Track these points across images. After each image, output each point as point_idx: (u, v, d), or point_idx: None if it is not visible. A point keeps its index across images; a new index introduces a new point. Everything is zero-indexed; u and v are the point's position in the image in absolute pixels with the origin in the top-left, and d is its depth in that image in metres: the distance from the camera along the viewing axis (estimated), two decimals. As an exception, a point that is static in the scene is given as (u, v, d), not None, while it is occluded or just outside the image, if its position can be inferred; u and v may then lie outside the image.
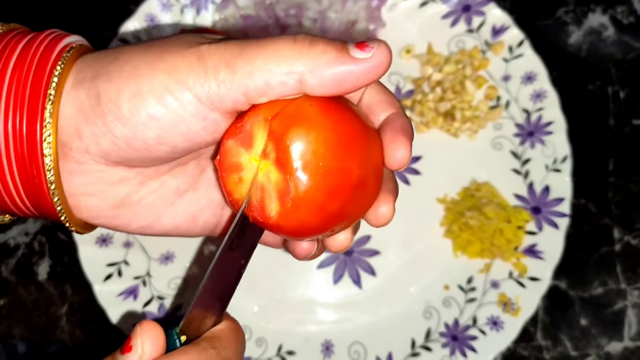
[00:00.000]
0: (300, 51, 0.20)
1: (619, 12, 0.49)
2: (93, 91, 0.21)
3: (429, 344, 0.44)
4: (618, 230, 0.46)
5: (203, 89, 0.20)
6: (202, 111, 0.21)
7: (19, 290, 0.46)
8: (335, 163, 0.21)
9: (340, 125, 0.21)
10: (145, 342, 0.20)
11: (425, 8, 0.46)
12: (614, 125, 0.47)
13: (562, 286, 0.46)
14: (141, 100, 0.21)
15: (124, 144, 0.21)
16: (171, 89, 0.21)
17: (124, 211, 0.24)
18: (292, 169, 0.21)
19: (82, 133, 0.21)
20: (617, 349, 0.45)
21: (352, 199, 0.22)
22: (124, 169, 0.23)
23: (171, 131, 0.21)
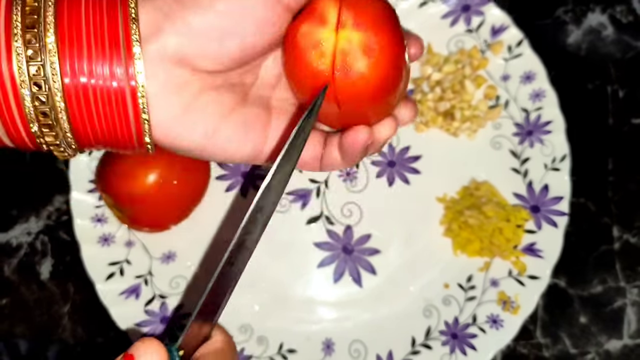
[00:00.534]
0: None
1: (618, 12, 0.49)
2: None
3: (429, 342, 0.44)
4: (617, 228, 0.46)
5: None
6: (270, 4, 0.24)
7: (21, 290, 0.47)
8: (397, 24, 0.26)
9: None
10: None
11: (425, 8, 0.47)
12: (613, 124, 0.48)
13: (561, 284, 0.46)
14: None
15: (200, 34, 0.24)
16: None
17: (188, 117, 0.25)
18: (372, 25, 0.24)
19: (163, 31, 0.24)
20: (616, 347, 0.45)
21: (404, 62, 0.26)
22: (189, 72, 0.25)
23: (242, 19, 0.24)
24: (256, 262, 0.44)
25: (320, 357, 0.44)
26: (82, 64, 0.22)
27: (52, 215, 0.47)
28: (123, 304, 0.44)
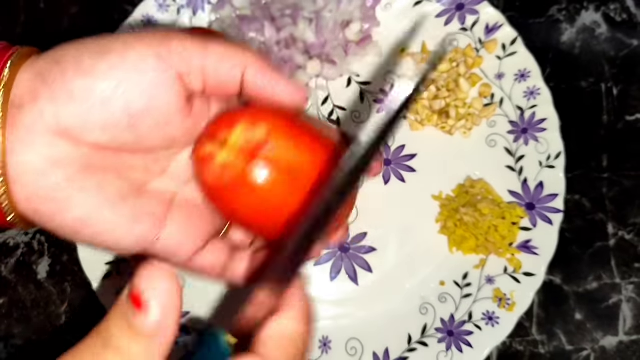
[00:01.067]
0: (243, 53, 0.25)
1: (612, 10, 0.49)
2: (53, 57, 0.22)
3: (425, 339, 0.44)
4: (612, 225, 0.46)
5: (161, 47, 0.22)
6: (161, 67, 0.22)
7: (19, 290, 0.47)
8: None
9: None
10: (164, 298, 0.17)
11: (419, 7, 0.47)
12: (607, 121, 0.48)
13: (556, 281, 0.46)
14: (104, 54, 0.22)
15: (80, 99, 0.22)
16: (134, 45, 0.22)
17: (63, 195, 0.23)
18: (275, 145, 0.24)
19: (39, 94, 0.22)
20: (612, 344, 0.45)
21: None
22: (72, 145, 0.22)
23: (128, 83, 0.22)
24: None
25: (317, 355, 0.44)
26: None
27: (49, 215, 0.48)
28: (120, 303, 0.44)
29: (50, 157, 0.22)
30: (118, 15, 0.47)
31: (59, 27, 0.50)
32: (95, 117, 0.22)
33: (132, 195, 0.24)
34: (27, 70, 0.22)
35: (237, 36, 0.46)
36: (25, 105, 0.22)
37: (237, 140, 0.24)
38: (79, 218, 0.23)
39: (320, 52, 0.46)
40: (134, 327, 0.18)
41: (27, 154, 0.22)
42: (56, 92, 0.22)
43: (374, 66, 0.47)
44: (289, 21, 0.46)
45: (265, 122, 0.24)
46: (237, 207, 0.25)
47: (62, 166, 0.22)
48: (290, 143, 0.24)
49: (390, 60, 0.48)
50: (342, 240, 0.28)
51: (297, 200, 0.24)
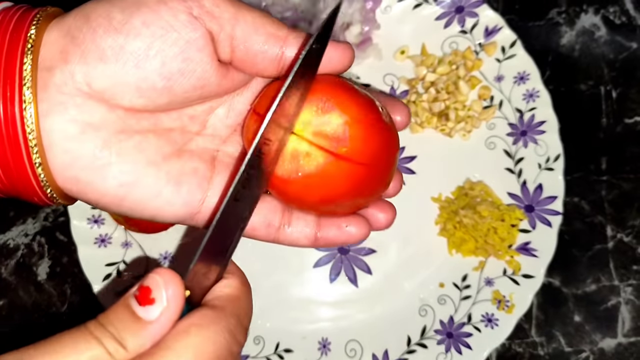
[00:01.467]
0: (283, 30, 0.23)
1: (611, 13, 0.49)
2: (82, 13, 0.21)
3: (424, 341, 0.44)
4: (611, 227, 0.47)
5: (196, 4, 0.21)
6: (193, 24, 0.21)
7: (19, 291, 0.47)
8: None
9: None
10: (171, 296, 0.18)
11: (419, 10, 0.47)
12: (606, 124, 0.48)
13: (555, 283, 0.46)
14: (134, 9, 0.21)
15: (112, 58, 0.21)
16: (166, 0, 0.21)
17: (103, 161, 0.22)
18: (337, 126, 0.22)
19: (69, 54, 0.21)
20: (610, 345, 0.45)
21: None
22: (106, 108, 0.21)
23: (160, 39, 0.21)
24: (252, 262, 0.45)
25: (316, 356, 0.45)
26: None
27: (49, 217, 0.48)
28: (120, 304, 0.44)
29: (84, 121, 0.21)
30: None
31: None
32: (129, 79, 0.21)
33: (173, 155, 0.23)
34: (55, 29, 0.21)
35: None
36: (56, 67, 0.21)
37: (307, 126, 0.22)
38: (120, 184, 0.22)
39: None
40: (138, 317, 0.18)
41: (61, 120, 0.21)
42: (87, 52, 0.21)
43: (373, 68, 0.47)
44: (289, 23, 0.46)
45: (336, 104, 0.22)
46: (303, 196, 0.23)
47: (97, 130, 0.21)
48: (366, 130, 0.23)
49: (390, 62, 0.48)
50: (397, 190, 0.27)
51: (366, 185, 0.24)
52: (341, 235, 0.25)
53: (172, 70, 0.21)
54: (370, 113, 0.23)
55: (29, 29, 0.21)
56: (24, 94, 0.20)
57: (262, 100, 0.23)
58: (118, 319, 0.18)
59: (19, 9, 0.22)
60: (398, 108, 0.26)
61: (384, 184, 0.25)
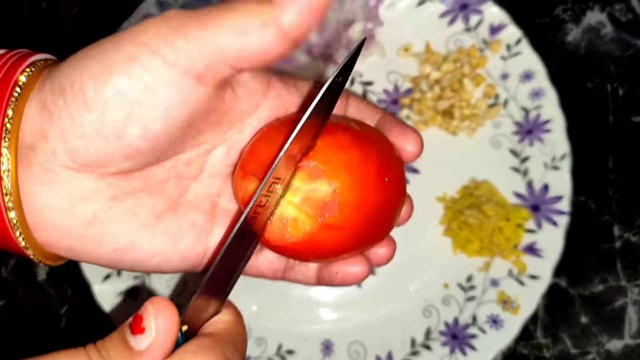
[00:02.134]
0: (261, 4, 0.19)
1: (617, 10, 0.49)
2: (56, 84, 0.20)
3: (428, 342, 0.44)
4: (618, 227, 0.46)
5: (171, 50, 0.19)
6: (172, 77, 0.19)
7: (19, 292, 0.47)
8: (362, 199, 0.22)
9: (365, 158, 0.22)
10: (161, 326, 0.18)
11: (423, 7, 0.47)
12: (613, 122, 0.47)
13: (562, 284, 0.46)
14: (106, 77, 0.19)
15: (92, 134, 0.20)
16: (135, 55, 0.19)
17: (95, 231, 0.21)
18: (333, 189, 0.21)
19: (48, 132, 0.20)
20: (617, 347, 0.45)
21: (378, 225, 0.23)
22: (94, 178, 0.21)
23: (140, 105, 0.19)
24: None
25: (319, 358, 0.44)
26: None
27: (49, 216, 0.47)
28: (120, 305, 0.43)
29: (72, 195, 0.21)
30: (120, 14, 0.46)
31: (60, 26, 0.50)
32: (113, 149, 0.20)
33: (168, 211, 0.23)
34: (33, 103, 0.20)
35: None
36: (37, 146, 0.20)
37: (296, 191, 0.21)
38: (115, 249, 0.22)
39: (323, 51, 0.46)
40: (129, 346, 0.18)
41: (48, 197, 0.20)
42: (66, 130, 0.20)
43: (377, 66, 0.47)
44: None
45: (327, 170, 0.21)
46: (295, 257, 0.23)
47: (87, 201, 0.21)
48: (359, 197, 0.21)
49: (394, 60, 0.47)
50: (406, 218, 0.27)
51: (360, 244, 0.23)
52: (340, 279, 0.25)
53: (155, 132, 0.20)
54: (366, 176, 0.22)
55: (6, 110, 0.20)
56: (2, 178, 0.20)
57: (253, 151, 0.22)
58: (112, 345, 0.19)
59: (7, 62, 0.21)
60: (409, 137, 0.24)
61: (383, 234, 0.25)
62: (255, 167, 0.22)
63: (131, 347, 0.18)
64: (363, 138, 0.23)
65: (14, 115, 0.20)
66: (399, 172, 0.24)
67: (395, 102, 0.47)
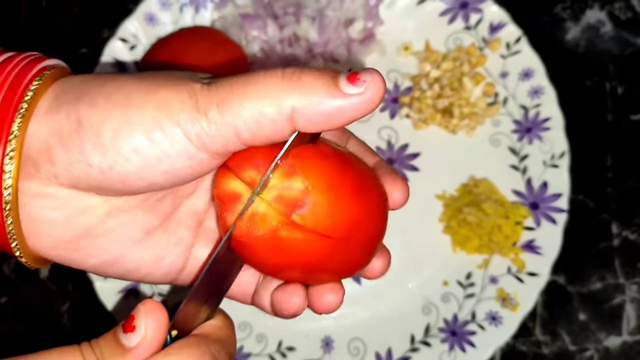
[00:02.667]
0: (289, 87, 0.20)
1: (617, 8, 0.49)
2: (74, 115, 0.20)
3: (428, 339, 0.44)
4: (616, 225, 0.46)
5: (194, 127, 0.20)
6: (190, 150, 0.20)
7: (21, 288, 0.47)
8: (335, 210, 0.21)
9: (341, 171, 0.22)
10: (150, 325, 0.19)
11: (423, 5, 0.47)
12: (611, 120, 0.48)
13: (560, 281, 0.46)
14: (127, 131, 0.20)
15: (98, 175, 0.20)
16: (161, 123, 0.20)
17: (87, 243, 0.22)
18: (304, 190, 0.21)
19: (55, 157, 0.20)
20: (615, 344, 0.45)
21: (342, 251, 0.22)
22: (92, 195, 0.21)
23: (153, 168, 0.20)
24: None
25: (319, 354, 0.44)
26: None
27: (51, 214, 0.47)
28: (122, 302, 0.44)
29: (70, 209, 0.21)
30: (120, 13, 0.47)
31: (60, 26, 0.50)
32: (116, 187, 0.21)
33: (159, 228, 0.23)
34: (44, 121, 0.20)
35: (240, 34, 0.46)
36: (41, 164, 0.20)
37: (271, 189, 0.21)
38: (103, 262, 0.23)
39: (323, 50, 0.46)
40: (121, 344, 0.20)
41: (45, 209, 0.21)
42: (73, 163, 0.20)
43: (377, 65, 0.47)
44: (292, 19, 0.46)
45: (303, 168, 0.21)
46: (259, 259, 0.22)
47: (82, 216, 0.21)
48: (332, 201, 0.21)
49: (394, 58, 0.47)
50: (382, 272, 0.25)
51: (328, 259, 0.22)
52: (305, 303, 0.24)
53: (160, 186, 0.21)
54: (343, 183, 0.21)
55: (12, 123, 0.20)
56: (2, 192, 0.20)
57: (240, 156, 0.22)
58: (105, 343, 0.20)
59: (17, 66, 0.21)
60: (398, 185, 0.24)
61: (358, 261, 0.23)
62: (234, 163, 0.22)
63: (122, 344, 0.19)
64: (346, 156, 0.23)
65: (19, 132, 0.20)
66: (380, 203, 0.23)
67: (395, 101, 0.47)
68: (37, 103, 0.21)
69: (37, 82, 0.21)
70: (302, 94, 0.20)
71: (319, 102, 0.20)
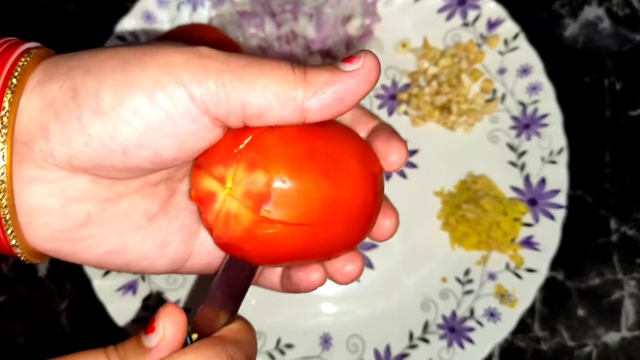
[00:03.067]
0: (298, 79, 0.20)
1: (615, 4, 0.49)
2: (69, 83, 0.19)
3: (426, 335, 0.44)
4: (614, 221, 0.46)
5: (200, 87, 0.19)
6: (194, 112, 0.19)
7: (19, 287, 0.47)
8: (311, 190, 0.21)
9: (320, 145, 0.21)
10: (168, 326, 0.21)
11: (421, 2, 0.47)
12: (610, 116, 0.48)
13: (559, 277, 0.46)
14: (127, 92, 0.19)
15: (99, 146, 0.19)
16: (163, 83, 0.19)
17: (86, 233, 0.21)
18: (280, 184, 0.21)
19: (50, 132, 0.19)
20: (614, 339, 0.45)
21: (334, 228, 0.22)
22: (90, 180, 0.20)
23: (155, 132, 0.19)
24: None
25: (318, 351, 0.44)
26: None
27: (49, 212, 0.47)
28: (120, 300, 0.44)
29: (65, 195, 0.20)
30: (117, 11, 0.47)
31: (57, 23, 0.50)
32: (116, 163, 0.20)
33: (159, 213, 0.23)
34: (36, 98, 0.19)
35: (237, 32, 0.46)
36: (34, 143, 0.19)
37: (238, 185, 0.21)
38: (105, 252, 0.22)
39: (321, 47, 0.46)
40: (142, 344, 0.21)
41: (39, 195, 0.20)
42: (71, 134, 0.19)
43: (375, 62, 0.47)
44: (290, 16, 0.46)
45: (266, 160, 0.20)
46: (248, 256, 0.22)
47: (80, 202, 0.21)
48: (300, 186, 0.20)
49: (392, 55, 0.47)
50: (392, 230, 0.26)
51: (315, 241, 0.22)
52: (295, 285, 0.25)
53: (164, 158, 0.20)
54: (309, 165, 0.21)
55: (2, 100, 0.19)
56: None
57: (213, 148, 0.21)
58: (129, 345, 0.21)
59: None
60: (391, 146, 0.24)
61: (352, 236, 0.23)
62: (204, 160, 0.21)
63: (144, 345, 0.21)
64: (317, 133, 0.22)
65: (10, 107, 0.19)
66: (364, 172, 0.22)
67: (393, 98, 0.47)
68: (26, 79, 0.20)
69: (24, 60, 0.20)
70: (310, 83, 0.20)
71: (327, 85, 0.20)
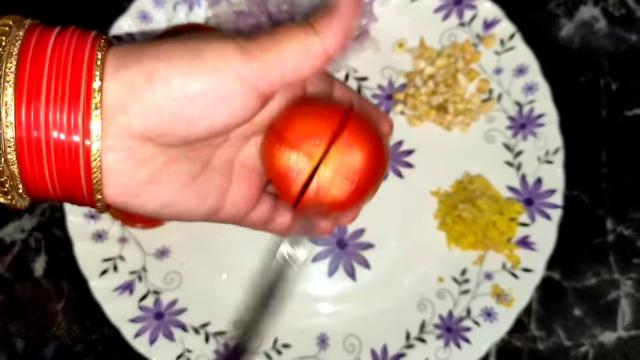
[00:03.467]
0: (310, 34, 0.25)
1: (611, 5, 0.49)
2: (143, 70, 0.24)
3: (423, 335, 0.44)
4: (611, 220, 0.46)
5: (244, 68, 0.24)
6: (242, 89, 0.24)
7: (15, 287, 0.47)
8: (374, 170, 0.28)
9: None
10: None
11: (417, 2, 0.47)
12: (606, 116, 0.48)
13: (555, 277, 0.46)
14: (192, 76, 0.24)
15: (169, 120, 0.24)
16: (218, 68, 0.24)
17: (148, 189, 0.25)
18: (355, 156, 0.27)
19: (130, 109, 0.23)
20: (610, 339, 0.45)
21: None
22: (153, 147, 0.25)
23: (213, 107, 0.24)
24: (250, 257, 0.44)
25: (314, 351, 0.44)
26: (39, 119, 0.23)
27: (45, 212, 0.47)
28: (117, 300, 0.43)
29: (136, 159, 0.24)
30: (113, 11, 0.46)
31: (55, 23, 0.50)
32: (179, 132, 0.24)
33: (201, 173, 0.27)
34: (116, 81, 0.23)
35: (234, 32, 0.46)
36: (114, 117, 0.23)
37: (331, 160, 0.26)
38: (160, 206, 0.26)
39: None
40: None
41: (117, 161, 0.24)
42: (147, 111, 0.24)
43: (371, 61, 0.47)
44: (286, 17, 0.46)
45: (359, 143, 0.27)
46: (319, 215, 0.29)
47: (146, 165, 0.25)
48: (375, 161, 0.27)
49: (388, 55, 0.47)
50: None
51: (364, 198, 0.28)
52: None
53: (217, 126, 0.25)
54: (379, 142, 0.28)
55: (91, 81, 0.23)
56: (91, 130, 0.23)
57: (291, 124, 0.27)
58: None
59: (72, 36, 0.24)
60: (382, 118, 0.32)
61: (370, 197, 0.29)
62: (292, 140, 0.26)
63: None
64: (371, 123, 0.29)
65: (100, 88, 0.23)
66: (386, 149, 0.29)
67: (390, 98, 0.47)
68: (105, 65, 0.24)
69: (99, 51, 0.24)
70: (319, 31, 0.25)
71: (329, 23, 0.25)
